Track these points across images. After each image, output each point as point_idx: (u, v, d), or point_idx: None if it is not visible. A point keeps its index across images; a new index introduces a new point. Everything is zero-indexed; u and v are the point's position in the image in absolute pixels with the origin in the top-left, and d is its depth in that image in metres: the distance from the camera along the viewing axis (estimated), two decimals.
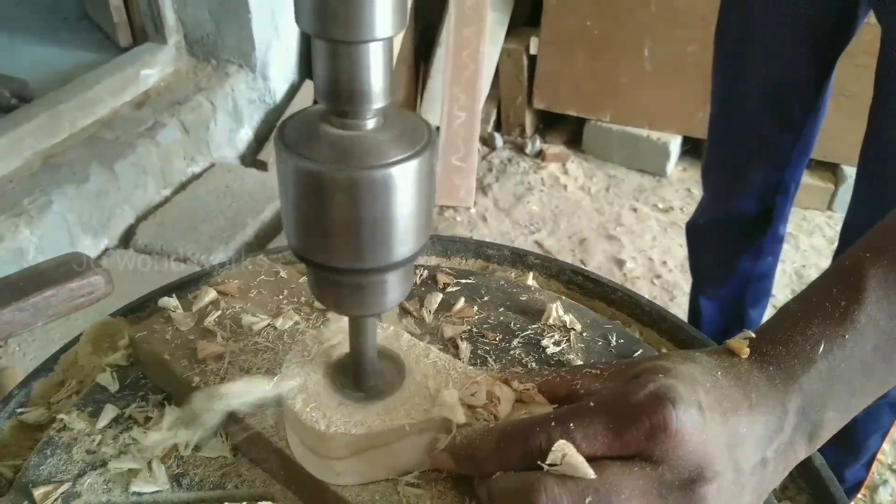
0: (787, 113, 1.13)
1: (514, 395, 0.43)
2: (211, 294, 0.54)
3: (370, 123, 0.34)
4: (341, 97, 0.33)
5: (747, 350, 0.40)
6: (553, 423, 0.36)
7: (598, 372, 0.41)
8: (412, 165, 0.33)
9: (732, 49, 1.13)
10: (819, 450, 0.48)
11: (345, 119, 0.34)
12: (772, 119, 1.14)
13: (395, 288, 0.38)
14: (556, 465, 0.34)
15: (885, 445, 1.53)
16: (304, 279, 0.57)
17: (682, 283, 1.95)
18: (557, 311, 0.57)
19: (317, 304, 0.54)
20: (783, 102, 1.12)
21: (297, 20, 0.31)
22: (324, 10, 0.30)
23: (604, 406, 0.36)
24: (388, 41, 0.32)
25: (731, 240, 1.31)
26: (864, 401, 0.39)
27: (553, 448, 0.35)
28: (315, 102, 0.36)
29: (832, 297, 0.39)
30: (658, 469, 0.34)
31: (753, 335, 0.40)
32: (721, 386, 0.37)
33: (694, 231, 1.39)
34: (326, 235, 0.35)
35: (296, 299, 0.55)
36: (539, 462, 0.35)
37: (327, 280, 0.38)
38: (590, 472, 0.34)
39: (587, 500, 0.33)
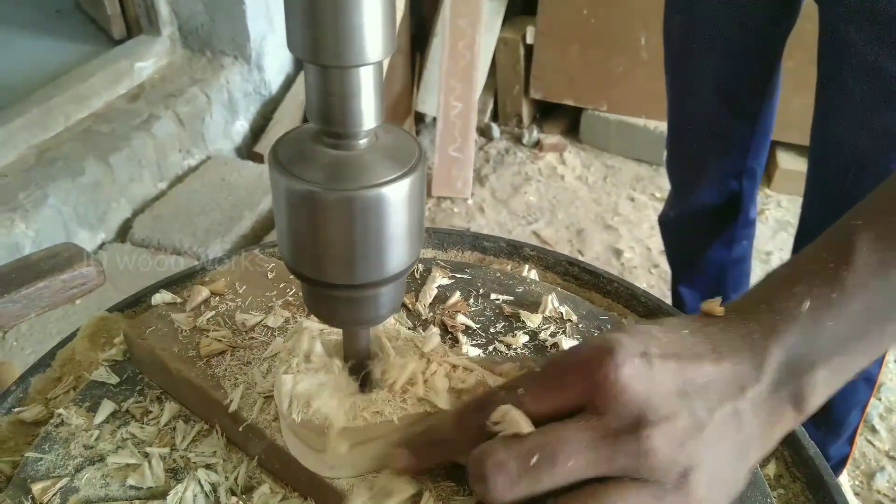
0: (740, 103, 1.15)
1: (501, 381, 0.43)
2: (204, 293, 0.54)
3: (362, 143, 0.35)
4: (333, 119, 0.33)
5: (721, 309, 0.39)
6: (504, 392, 0.37)
7: None
8: (404, 184, 0.34)
9: (679, 46, 1.15)
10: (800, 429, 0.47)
11: (337, 139, 0.34)
12: (725, 110, 1.16)
13: (388, 301, 0.39)
14: (499, 423, 0.35)
15: (882, 432, 1.55)
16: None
17: None
18: (553, 302, 0.57)
19: None
20: (734, 93, 1.14)
21: (289, 46, 0.32)
22: (315, 37, 0.31)
23: (548, 367, 0.36)
24: (378, 64, 0.33)
25: (701, 230, 1.34)
26: (858, 363, 0.38)
27: (497, 409, 0.35)
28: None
29: (821, 259, 0.38)
30: (602, 420, 0.34)
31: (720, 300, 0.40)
32: (684, 340, 0.37)
33: (665, 224, 1.42)
34: (320, 253, 0.35)
35: (285, 296, 0.55)
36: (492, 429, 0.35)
37: (321, 294, 0.39)
38: (525, 427, 0.34)
39: (533, 460, 0.33)
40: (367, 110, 0.33)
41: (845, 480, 1.42)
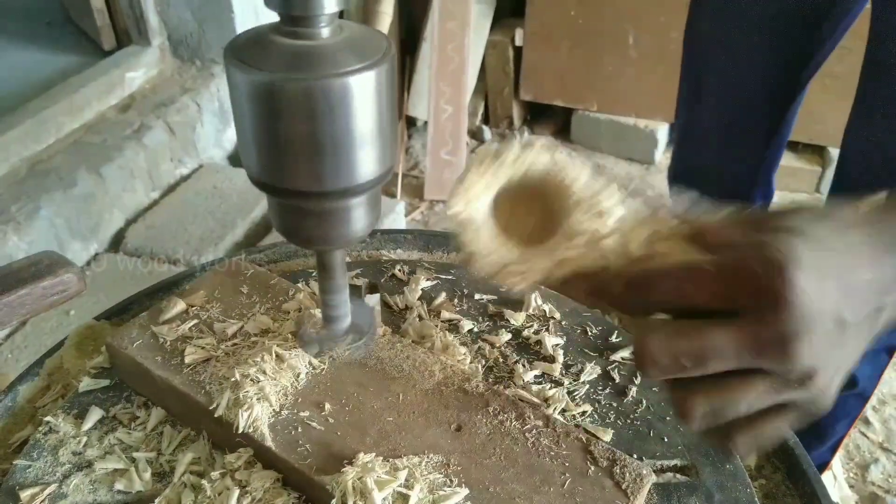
0: (762, 116, 1.10)
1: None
2: (180, 304, 0.54)
3: (325, 32, 0.32)
4: (293, 0, 0.31)
5: (881, 197, 0.39)
6: (670, 278, 0.37)
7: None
8: (370, 76, 0.32)
9: (705, 55, 1.11)
10: None
11: (297, 28, 0.32)
12: (746, 124, 1.11)
13: (360, 217, 0.37)
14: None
15: (876, 424, 1.55)
16: (273, 281, 0.57)
17: None
18: (536, 300, 0.58)
19: (285, 306, 0.54)
20: (759, 107, 1.09)
21: None
22: None
23: (721, 267, 0.36)
24: None
25: None
26: None
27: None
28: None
29: None
30: (756, 325, 0.35)
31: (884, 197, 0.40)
32: (850, 244, 0.37)
33: None
34: (284, 154, 0.33)
35: (260, 305, 0.55)
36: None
37: (290, 209, 0.36)
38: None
39: (685, 363, 0.35)
40: None
41: (840, 473, 1.43)
